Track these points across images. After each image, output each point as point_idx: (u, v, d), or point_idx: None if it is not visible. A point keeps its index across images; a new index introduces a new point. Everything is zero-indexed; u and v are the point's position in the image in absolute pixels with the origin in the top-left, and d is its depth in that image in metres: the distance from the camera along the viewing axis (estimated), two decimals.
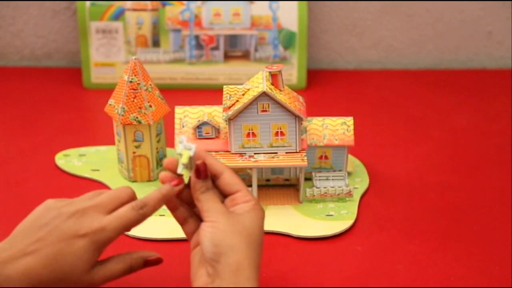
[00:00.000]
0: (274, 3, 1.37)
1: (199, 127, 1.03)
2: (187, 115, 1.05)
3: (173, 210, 0.84)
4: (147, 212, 0.80)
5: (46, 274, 0.75)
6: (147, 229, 0.99)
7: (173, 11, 1.38)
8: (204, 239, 0.77)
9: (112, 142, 1.13)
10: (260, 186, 1.06)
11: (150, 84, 1.05)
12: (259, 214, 0.80)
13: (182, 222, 0.84)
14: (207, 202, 0.79)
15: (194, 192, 0.80)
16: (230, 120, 0.99)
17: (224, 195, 0.82)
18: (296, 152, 1.01)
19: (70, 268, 0.76)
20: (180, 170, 0.79)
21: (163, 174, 0.81)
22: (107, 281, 0.79)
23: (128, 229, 0.79)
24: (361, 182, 1.10)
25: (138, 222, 0.80)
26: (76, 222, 0.77)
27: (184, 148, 0.77)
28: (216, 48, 1.39)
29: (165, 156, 1.11)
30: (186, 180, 0.80)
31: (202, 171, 0.79)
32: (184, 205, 0.84)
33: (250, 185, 1.04)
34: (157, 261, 0.84)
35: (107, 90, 1.18)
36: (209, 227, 0.78)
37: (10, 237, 0.78)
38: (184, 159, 0.77)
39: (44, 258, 0.75)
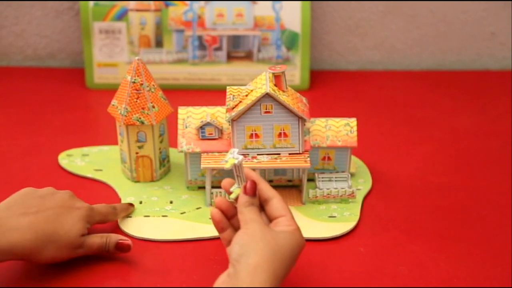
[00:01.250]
0: (277, 4, 1.37)
1: (202, 127, 1.03)
2: (190, 116, 1.05)
3: (221, 231, 0.86)
4: (118, 213, 0.98)
5: (50, 229, 0.86)
6: (150, 230, 0.99)
7: (176, 11, 1.38)
8: (233, 241, 0.80)
9: (115, 142, 1.13)
10: None
11: (153, 85, 1.05)
12: (296, 238, 0.82)
13: (227, 244, 0.85)
14: (248, 214, 0.82)
15: (239, 205, 0.84)
16: (233, 121, 0.99)
17: (270, 220, 0.84)
18: (299, 153, 1.01)
19: (69, 226, 0.88)
20: (232, 188, 0.86)
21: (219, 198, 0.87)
22: (88, 250, 0.90)
23: (105, 220, 0.96)
24: (364, 183, 1.10)
25: (110, 216, 0.97)
26: (71, 198, 0.92)
27: (232, 157, 0.84)
28: (219, 48, 1.39)
29: (168, 156, 1.12)
30: (234, 197, 0.85)
31: (249, 188, 0.84)
32: (232, 228, 0.86)
33: None
34: (127, 247, 0.92)
35: (110, 90, 1.18)
36: (241, 232, 0.81)
37: None
38: (227, 165, 0.84)
39: (45, 216, 0.87)
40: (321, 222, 1.01)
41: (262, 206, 0.85)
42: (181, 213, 1.03)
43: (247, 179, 0.85)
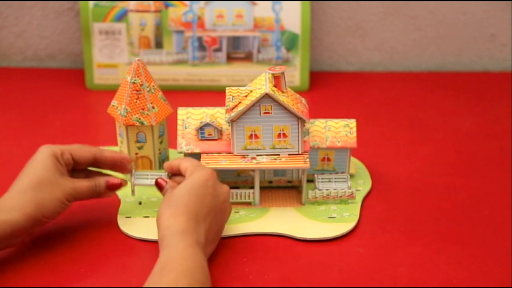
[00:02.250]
0: (277, 5, 1.37)
1: (201, 128, 1.03)
2: (190, 117, 1.05)
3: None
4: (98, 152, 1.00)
5: (28, 180, 0.92)
6: (149, 231, 0.99)
7: (176, 12, 1.38)
8: None
9: (114, 143, 1.13)
10: (262, 188, 1.05)
11: (153, 86, 1.05)
12: (193, 177, 0.91)
13: None
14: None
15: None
16: (232, 121, 0.99)
17: None
18: (299, 154, 1.01)
19: (40, 167, 0.93)
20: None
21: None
22: (80, 194, 0.95)
23: (78, 156, 0.97)
24: (363, 184, 1.10)
25: (83, 153, 0.98)
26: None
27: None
28: (219, 49, 1.39)
29: (167, 157, 1.12)
30: None
31: (158, 185, 0.97)
32: None
33: (252, 187, 1.04)
34: (118, 185, 0.98)
35: (109, 91, 1.18)
36: None
37: None
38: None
39: (21, 176, 0.94)
40: (321, 222, 1.01)
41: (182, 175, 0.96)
42: None
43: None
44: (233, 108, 0.99)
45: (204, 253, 0.87)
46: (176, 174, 0.98)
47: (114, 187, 0.98)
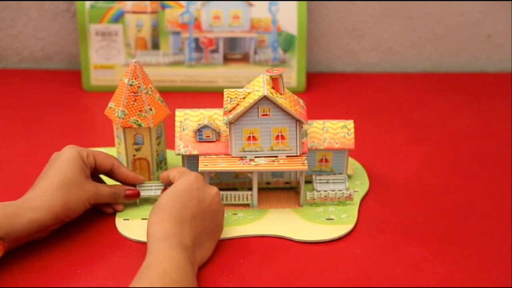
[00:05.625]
0: (274, 6, 1.37)
1: (199, 130, 1.03)
2: (188, 118, 1.05)
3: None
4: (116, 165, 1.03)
5: (55, 179, 0.94)
6: None
7: (172, 13, 1.38)
8: None
9: (112, 144, 1.13)
10: (260, 189, 1.05)
11: (150, 87, 1.05)
12: (175, 186, 0.93)
13: None
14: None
15: None
16: (230, 123, 0.99)
17: None
18: (297, 156, 1.01)
19: (66, 167, 0.95)
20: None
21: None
22: (101, 196, 0.98)
23: (100, 165, 1.00)
24: (361, 185, 1.10)
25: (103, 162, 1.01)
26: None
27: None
28: (215, 50, 1.39)
29: (165, 159, 1.11)
30: None
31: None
32: None
33: (250, 188, 1.04)
34: (137, 194, 1.02)
35: (106, 93, 1.18)
36: None
37: None
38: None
39: (44, 173, 0.97)
40: (319, 224, 1.01)
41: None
42: None
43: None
44: (231, 110, 0.99)
45: (193, 255, 0.88)
46: (170, 184, 0.99)
47: (132, 196, 1.02)
